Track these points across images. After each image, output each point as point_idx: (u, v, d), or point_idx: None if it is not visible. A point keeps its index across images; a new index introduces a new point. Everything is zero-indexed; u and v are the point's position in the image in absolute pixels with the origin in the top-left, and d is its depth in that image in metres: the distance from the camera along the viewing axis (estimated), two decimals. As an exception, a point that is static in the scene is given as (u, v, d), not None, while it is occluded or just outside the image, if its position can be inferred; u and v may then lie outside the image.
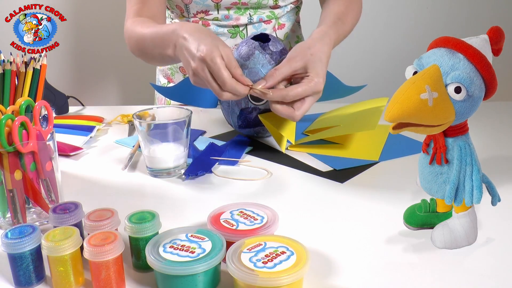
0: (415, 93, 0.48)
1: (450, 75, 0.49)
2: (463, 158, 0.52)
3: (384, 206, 0.68)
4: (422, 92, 0.48)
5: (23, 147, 0.60)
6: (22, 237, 0.51)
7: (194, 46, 0.78)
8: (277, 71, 0.81)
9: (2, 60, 0.79)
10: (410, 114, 0.48)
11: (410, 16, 2.01)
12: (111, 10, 1.89)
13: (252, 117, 0.90)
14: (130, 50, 1.02)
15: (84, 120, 1.05)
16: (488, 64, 0.50)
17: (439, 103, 0.48)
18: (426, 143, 0.55)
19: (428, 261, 0.55)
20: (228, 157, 0.85)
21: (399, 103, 0.48)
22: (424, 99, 0.48)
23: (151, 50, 0.93)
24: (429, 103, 0.48)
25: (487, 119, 1.03)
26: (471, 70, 0.49)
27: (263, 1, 1.07)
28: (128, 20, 1.02)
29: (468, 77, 0.49)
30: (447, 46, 0.51)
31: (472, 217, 0.55)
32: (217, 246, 0.51)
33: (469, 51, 0.50)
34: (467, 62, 0.50)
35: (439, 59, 0.50)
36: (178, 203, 0.72)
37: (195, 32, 0.81)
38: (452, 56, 0.50)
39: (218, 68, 0.76)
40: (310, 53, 0.82)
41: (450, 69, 0.49)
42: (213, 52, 0.76)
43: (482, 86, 0.50)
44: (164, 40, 0.87)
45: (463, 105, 0.50)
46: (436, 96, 0.48)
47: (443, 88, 0.49)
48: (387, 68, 1.97)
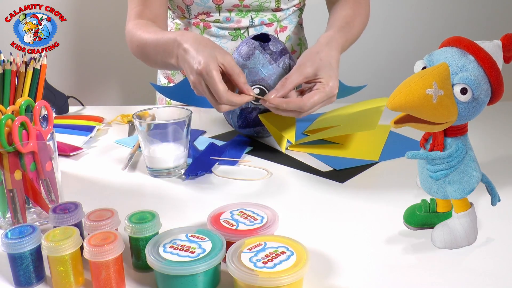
0: (421, 87, 0.48)
1: (458, 75, 0.49)
2: (456, 155, 0.52)
3: (384, 206, 0.68)
4: (428, 87, 0.48)
5: (23, 147, 0.60)
6: (22, 237, 0.51)
7: (192, 59, 0.78)
8: (288, 80, 0.80)
9: (2, 60, 0.79)
10: (413, 107, 0.48)
11: (410, 16, 2.01)
12: (111, 10, 1.89)
13: (252, 117, 0.90)
14: (132, 53, 1.02)
15: (84, 120, 1.05)
16: (497, 70, 0.50)
17: (443, 101, 0.48)
18: (425, 138, 0.55)
19: (428, 261, 0.55)
20: (228, 157, 0.85)
21: (404, 93, 0.48)
22: (429, 94, 0.48)
23: (154, 56, 0.93)
24: (433, 100, 0.48)
25: (487, 119, 1.02)
26: (480, 73, 0.49)
27: (264, 4, 1.07)
28: (130, 22, 1.02)
29: (475, 80, 0.48)
30: (459, 47, 0.51)
31: (472, 217, 0.55)
32: (217, 246, 0.51)
33: (481, 54, 0.49)
34: (477, 65, 0.49)
35: (449, 58, 0.50)
36: (178, 203, 0.72)
37: (194, 43, 0.81)
38: (463, 57, 0.50)
39: (214, 82, 0.75)
40: (319, 58, 0.82)
41: (459, 69, 0.49)
42: (209, 65, 0.75)
43: (488, 91, 0.50)
44: (166, 49, 0.87)
45: (467, 107, 0.49)
46: (441, 94, 0.48)
47: (449, 87, 0.49)
48: (387, 68, 1.98)
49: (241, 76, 0.78)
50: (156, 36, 0.91)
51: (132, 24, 1.01)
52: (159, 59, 0.91)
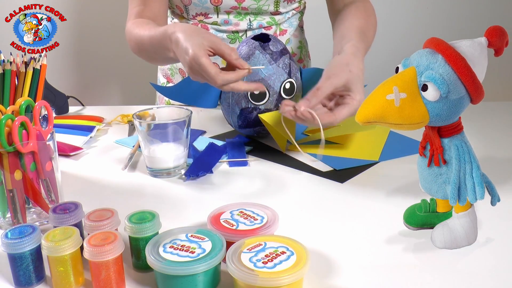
0: (381, 94, 0.50)
1: (424, 74, 0.49)
2: (461, 157, 0.52)
3: (384, 206, 0.69)
4: (389, 93, 0.50)
5: (23, 147, 0.60)
6: (22, 237, 0.51)
7: (182, 51, 0.78)
8: (319, 91, 0.79)
9: (2, 60, 0.79)
10: (377, 115, 0.50)
11: (410, 16, 2.01)
12: (111, 10, 1.89)
13: (252, 117, 0.90)
14: (133, 52, 1.02)
15: (84, 120, 1.05)
16: (466, 67, 0.49)
17: (407, 103, 0.49)
18: (422, 146, 0.55)
19: (428, 261, 0.55)
20: (228, 158, 0.85)
21: (367, 103, 0.51)
22: (391, 99, 0.49)
23: (152, 53, 0.93)
24: (395, 103, 0.49)
25: (486, 119, 1.03)
26: (447, 71, 0.49)
27: (263, 7, 1.06)
28: (129, 22, 1.02)
29: (440, 77, 0.48)
30: (430, 47, 0.51)
31: (472, 217, 0.55)
32: (217, 246, 0.51)
33: (447, 52, 0.49)
34: (444, 63, 0.49)
35: (418, 59, 0.51)
36: (178, 203, 0.72)
37: (182, 33, 0.80)
38: (431, 56, 0.50)
39: (205, 69, 0.75)
40: (349, 70, 0.81)
41: (425, 68, 0.50)
42: (197, 54, 0.75)
43: (461, 89, 0.50)
44: (162, 44, 0.86)
45: (438, 106, 0.50)
46: (404, 96, 0.49)
47: (414, 89, 0.50)
48: (387, 68, 1.97)
49: (232, 54, 0.77)
50: (150, 33, 0.91)
51: (131, 23, 1.01)
52: (158, 54, 0.91)
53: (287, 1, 1.07)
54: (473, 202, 0.53)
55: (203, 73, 0.76)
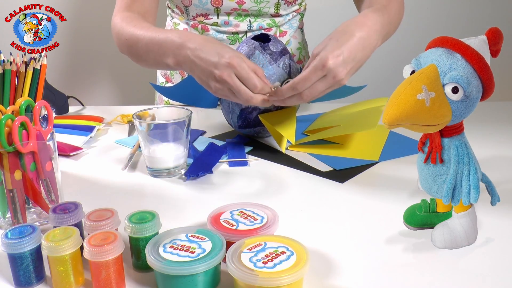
0: (411, 94, 0.48)
1: (448, 75, 0.49)
2: (460, 158, 0.52)
3: (384, 206, 0.69)
4: (419, 92, 0.48)
5: (23, 147, 0.61)
6: (22, 237, 0.51)
7: (211, 56, 0.78)
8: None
9: (2, 60, 0.79)
10: (408, 116, 0.48)
11: (410, 16, 2.01)
12: (111, 10, 1.88)
13: (252, 117, 0.90)
14: (118, 47, 0.99)
15: (84, 120, 1.05)
16: (486, 65, 0.50)
17: (436, 102, 0.48)
18: (422, 141, 0.55)
19: (428, 261, 0.55)
20: (229, 158, 0.85)
21: (396, 105, 0.48)
22: (421, 99, 0.48)
23: (145, 54, 0.90)
24: (426, 103, 0.48)
25: (486, 119, 1.03)
26: (469, 70, 0.49)
27: (263, 9, 1.06)
28: (118, 15, 0.99)
29: (465, 77, 0.49)
30: (445, 46, 0.51)
31: (472, 217, 0.55)
32: (217, 246, 0.51)
33: (467, 51, 0.50)
34: (465, 62, 0.50)
35: (437, 58, 0.50)
36: (178, 203, 0.72)
37: (207, 41, 0.80)
38: (450, 56, 0.50)
39: (248, 72, 0.75)
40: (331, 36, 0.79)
41: (448, 69, 0.49)
42: (239, 57, 0.75)
43: (479, 87, 0.50)
44: (162, 48, 0.85)
45: (460, 105, 0.50)
46: (433, 96, 0.48)
47: (440, 88, 0.49)
48: (387, 68, 1.97)
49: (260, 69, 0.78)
50: (150, 34, 0.88)
51: (120, 16, 0.98)
52: (151, 57, 0.89)
53: (287, 4, 1.07)
54: (466, 204, 0.53)
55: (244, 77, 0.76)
